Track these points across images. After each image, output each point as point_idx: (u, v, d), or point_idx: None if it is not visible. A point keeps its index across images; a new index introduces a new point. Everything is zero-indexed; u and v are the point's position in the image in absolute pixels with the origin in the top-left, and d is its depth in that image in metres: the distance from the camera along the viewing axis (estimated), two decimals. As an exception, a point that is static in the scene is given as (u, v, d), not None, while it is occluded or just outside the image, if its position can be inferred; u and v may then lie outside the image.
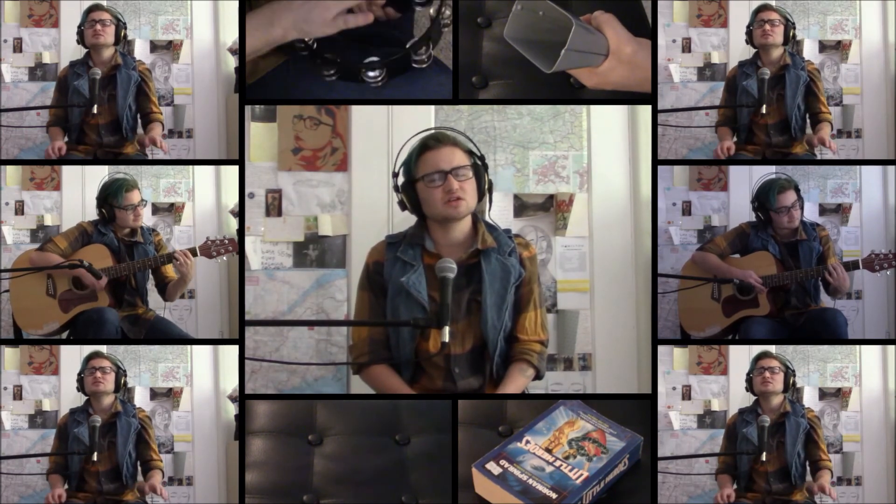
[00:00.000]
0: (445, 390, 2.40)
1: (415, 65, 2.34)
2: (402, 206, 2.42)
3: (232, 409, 2.78)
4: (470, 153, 2.38)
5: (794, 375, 2.69)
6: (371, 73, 2.30)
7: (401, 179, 2.40)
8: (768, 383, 2.65)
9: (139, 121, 2.72)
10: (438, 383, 2.40)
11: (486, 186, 2.39)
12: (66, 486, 2.65)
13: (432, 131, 2.40)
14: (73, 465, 2.65)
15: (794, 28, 2.74)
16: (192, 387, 2.77)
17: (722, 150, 2.73)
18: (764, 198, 2.78)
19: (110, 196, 2.73)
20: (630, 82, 1.97)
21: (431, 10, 2.33)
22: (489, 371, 2.40)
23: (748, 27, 2.74)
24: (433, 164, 2.34)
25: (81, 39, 2.70)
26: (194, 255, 2.71)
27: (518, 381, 2.40)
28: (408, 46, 2.31)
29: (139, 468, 2.67)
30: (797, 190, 2.77)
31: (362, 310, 2.46)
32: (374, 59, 2.30)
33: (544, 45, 1.92)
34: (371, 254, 2.46)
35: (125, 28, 2.73)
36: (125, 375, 2.70)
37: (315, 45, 2.28)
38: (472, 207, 2.38)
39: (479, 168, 2.37)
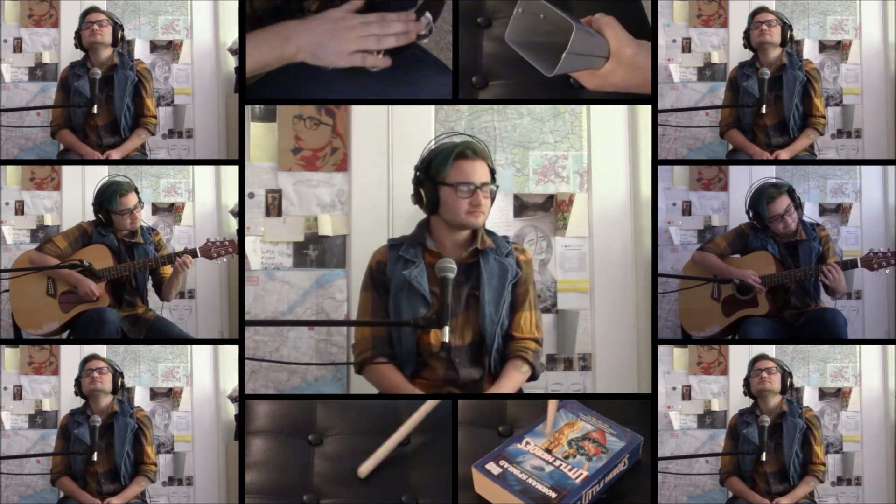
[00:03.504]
0: (447, 380, 2.43)
1: (417, 40, 2.30)
2: (416, 201, 2.45)
3: (232, 409, 2.78)
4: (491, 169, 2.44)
5: (791, 377, 2.69)
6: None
7: (422, 175, 2.42)
8: (765, 382, 2.65)
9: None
10: (440, 373, 2.43)
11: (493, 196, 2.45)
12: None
13: (469, 139, 2.42)
14: (75, 466, 2.65)
15: (791, 30, 2.74)
16: (192, 387, 2.77)
17: (766, 155, 2.72)
18: (756, 208, 2.78)
19: (105, 201, 2.73)
20: (631, 84, 1.97)
21: None
22: (488, 364, 2.43)
23: (745, 31, 2.74)
24: (467, 175, 2.37)
25: (79, 42, 2.70)
26: (194, 256, 2.71)
27: (514, 377, 2.42)
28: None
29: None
30: (791, 193, 2.76)
31: (365, 309, 2.49)
32: None
33: (545, 47, 1.93)
34: (374, 256, 2.51)
35: (122, 30, 2.73)
36: (122, 377, 2.70)
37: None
38: (487, 218, 2.44)
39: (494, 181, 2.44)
